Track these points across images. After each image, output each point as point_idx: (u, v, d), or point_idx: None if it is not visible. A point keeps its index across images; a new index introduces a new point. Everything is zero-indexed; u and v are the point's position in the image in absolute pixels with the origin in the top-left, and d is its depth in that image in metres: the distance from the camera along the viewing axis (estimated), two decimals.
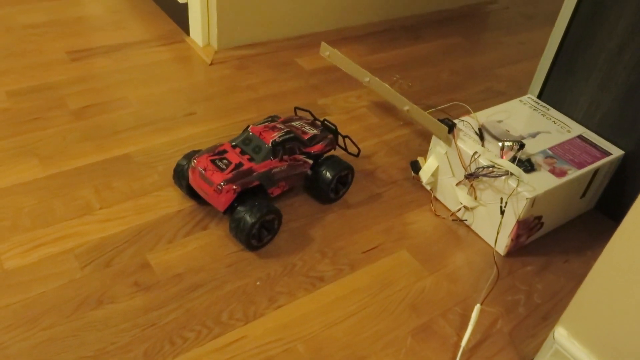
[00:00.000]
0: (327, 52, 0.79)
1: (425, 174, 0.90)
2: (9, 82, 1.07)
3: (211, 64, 1.20)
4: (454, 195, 0.87)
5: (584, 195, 0.87)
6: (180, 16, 1.30)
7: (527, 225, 0.81)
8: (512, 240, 0.81)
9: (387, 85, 0.78)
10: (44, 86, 1.07)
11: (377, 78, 0.79)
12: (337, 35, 1.37)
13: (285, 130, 0.82)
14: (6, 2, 1.34)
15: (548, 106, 0.95)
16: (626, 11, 0.82)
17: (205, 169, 0.78)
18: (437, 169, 0.89)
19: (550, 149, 0.85)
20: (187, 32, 1.29)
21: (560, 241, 0.87)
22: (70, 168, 0.89)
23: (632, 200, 0.55)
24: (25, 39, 1.21)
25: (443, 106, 1.12)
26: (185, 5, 1.25)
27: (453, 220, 0.88)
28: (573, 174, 0.81)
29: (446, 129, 0.85)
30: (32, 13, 1.31)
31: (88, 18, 1.32)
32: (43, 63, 1.14)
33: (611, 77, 0.86)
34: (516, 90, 1.24)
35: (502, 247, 0.83)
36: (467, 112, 0.92)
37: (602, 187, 0.90)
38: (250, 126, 0.83)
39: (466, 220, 0.87)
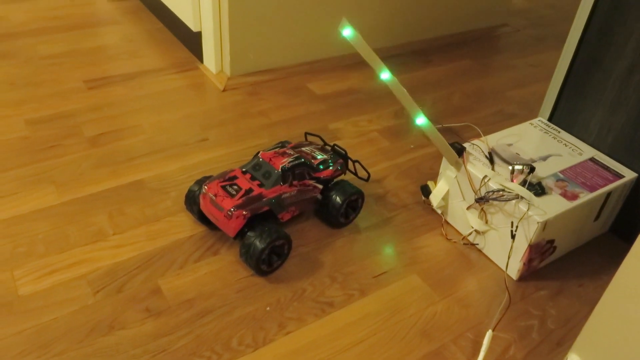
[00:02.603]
0: (348, 31, 0.77)
1: (435, 198, 0.90)
2: (28, 111, 1.10)
3: (224, 90, 1.23)
4: (464, 219, 0.87)
5: (597, 218, 0.86)
6: (194, 44, 1.33)
7: (539, 249, 0.80)
8: (524, 264, 0.80)
9: (404, 90, 0.77)
10: (61, 114, 1.10)
11: (395, 78, 0.77)
12: (348, 60, 1.39)
13: (295, 155, 0.83)
14: (26, 33, 1.39)
15: (559, 129, 0.95)
16: (634, 33, 0.82)
17: (215, 195, 0.78)
18: (447, 193, 0.89)
19: (561, 172, 0.85)
20: (201, 59, 1.32)
21: (575, 265, 0.86)
22: (85, 194, 0.91)
23: None
24: (44, 69, 1.25)
25: (454, 124, 1.12)
26: (199, 34, 1.27)
27: (464, 244, 0.88)
28: (585, 197, 0.80)
29: (455, 155, 0.85)
30: (51, 44, 1.35)
31: (105, 47, 1.36)
32: (61, 92, 1.17)
33: (622, 99, 0.86)
34: (528, 112, 1.24)
35: (514, 271, 0.82)
36: (478, 135, 0.92)
37: (616, 209, 0.89)
38: (261, 152, 0.84)
39: (478, 244, 0.87)
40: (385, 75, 0.83)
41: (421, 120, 0.89)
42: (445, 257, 0.85)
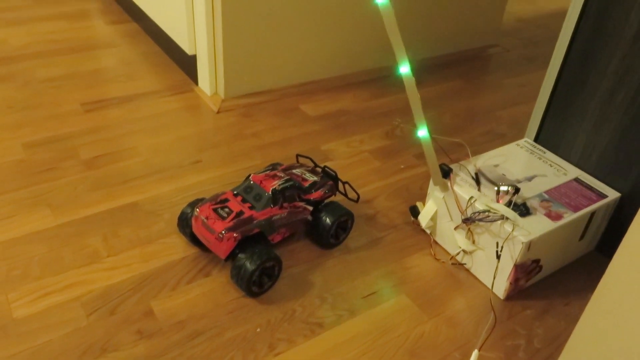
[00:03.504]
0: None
1: (424, 219, 0.92)
2: (25, 134, 1.12)
3: (218, 112, 1.25)
4: (453, 239, 0.88)
5: (582, 237, 0.88)
6: (189, 67, 1.36)
7: (525, 269, 0.81)
8: (510, 284, 0.81)
9: (417, 93, 0.77)
10: (58, 137, 1.12)
11: (413, 78, 0.75)
12: (340, 81, 1.41)
13: (285, 178, 0.85)
14: (25, 56, 1.41)
15: (544, 149, 0.97)
16: (615, 57, 0.84)
17: (207, 218, 0.80)
18: (435, 213, 0.91)
19: (546, 192, 0.87)
20: (196, 82, 1.34)
21: (561, 284, 0.87)
22: (80, 217, 0.93)
23: None
24: (42, 91, 1.27)
25: (447, 138, 1.14)
26: (194, 57, 1.30)
27: (453, 264, 0.89)
28: (569, 217, 0.82)
29: (440, 175, 0.86)
30: (49, 67, 1.38)
31: (103, 70, 1.39)
32: (58, 115, 1.19)
33: (604, 120, 0.88)
34: (517, 132, 1.26)
35: (501, 290, 0.83)
36: (467, 155, 0.94)
37: (601, 229, 0.91)
38: (252, 175, 0.86)
39: (465, 264, 0.88)
40: (404, 68, 0.78)
41: (423, 132, 0.87)
42: (434, 277, 0.87)
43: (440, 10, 1.50)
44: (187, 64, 1.37)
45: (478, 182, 0.87)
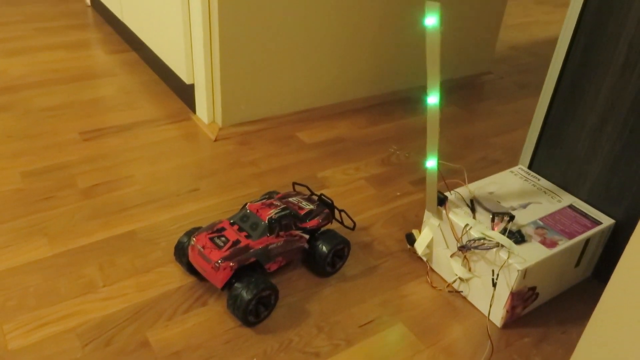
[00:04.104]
0: (433, 20, 0.72)
1: (420, 246, 0.92)
2: (24, 164, 1.13)
3: (215, 140, 1.26)
4: (449, 266, 0.88)
5: (578, 264, 0.88)
6: (187, 95, 1.37)
7: (522, 297, 0.82)
8: (507, 311, 0.81)
9: (437, 124, 0.78)
10: (56, 166, 1.13)
11: (438, 110, 0.74)
12: (336, 109, 1.43)
13: (282, 207, 0.85)
14: (25, 86, 1.43)
15: (538, 176, 0.98)
16: (604, 85, 0.86)
17: (203, 247, 0.80)
18: (432, 241, 0.91)
19: (541, 219, 0.87)
20: (194, 110, 1.36)
21: (558, 311, 0.87)
22: (77, 246, 0.93)
23: None
24: (42, 120, 1.29)
25: (446, 163, 1.15)
26: (192, 86, 1.32)
27: (449, 291, 0.89)
28: (564, 244, 0.82)
29: (435, 204, 0.87)
30: (49, 96, 1.39)
31: (102, 99, 1.40)
32: (57, 144, 1.20)
33: (596, 147, 0.89)
34: (511, 158, 1.27)
35: (498, 318, 0.83)
36: (462, 181, 0.94)
37: (597, 255, 0.91)
38: (248, 203, 0.86)
39: (462, 291, 0.88)
40: (432, 99, 0.76)
41: (431, 163, 0.85)
42: (431, 304, 0.87)
43: None
44: (185, 93, 1.38)
45: (473, 210, 0.88)
